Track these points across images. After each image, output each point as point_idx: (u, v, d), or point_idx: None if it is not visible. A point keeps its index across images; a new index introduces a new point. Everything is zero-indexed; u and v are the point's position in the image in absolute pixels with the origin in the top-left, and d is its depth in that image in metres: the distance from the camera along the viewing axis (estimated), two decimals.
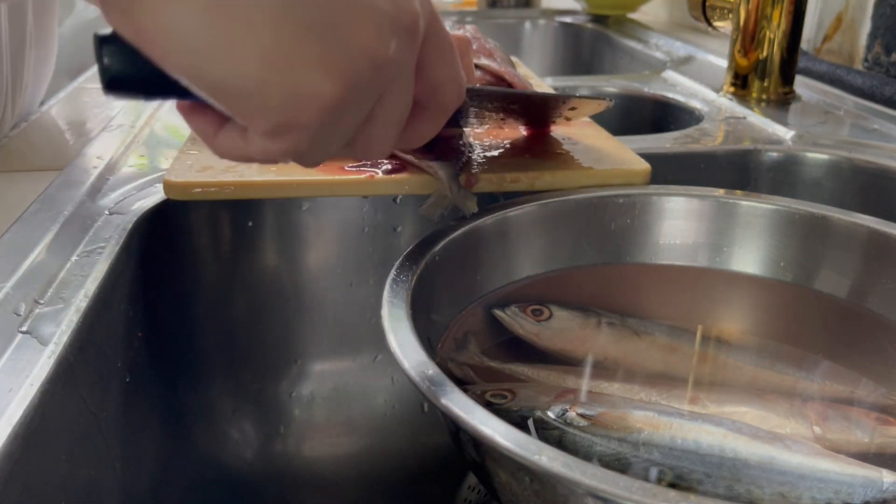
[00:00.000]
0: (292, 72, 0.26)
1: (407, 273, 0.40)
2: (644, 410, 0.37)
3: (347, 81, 0.27)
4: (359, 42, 0.27)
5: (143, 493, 0.48)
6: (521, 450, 0.28)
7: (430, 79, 0.32)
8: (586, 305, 0.47)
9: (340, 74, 0.27)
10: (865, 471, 0.34)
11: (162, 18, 0.25)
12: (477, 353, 0.43)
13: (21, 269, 0.43)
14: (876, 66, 0.82)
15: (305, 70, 0.26)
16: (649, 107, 0.85)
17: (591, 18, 1.31)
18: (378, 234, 0.62)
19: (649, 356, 0.44)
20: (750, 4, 0.75)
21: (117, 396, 0.46)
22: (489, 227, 0.47)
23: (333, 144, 0.31)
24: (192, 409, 0.59)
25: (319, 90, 0.27)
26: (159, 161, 0.60)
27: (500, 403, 0.37)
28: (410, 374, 0.32)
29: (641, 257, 0.51)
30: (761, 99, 0.78)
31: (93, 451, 0.42)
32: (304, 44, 0.26)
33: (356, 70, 0.27)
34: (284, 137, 0.28)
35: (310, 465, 0.61)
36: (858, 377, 0.43)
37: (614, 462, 0.34)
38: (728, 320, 0.50)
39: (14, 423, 0.32)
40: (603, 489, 0.26)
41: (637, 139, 0.65)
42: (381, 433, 0.63)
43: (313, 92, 0.27)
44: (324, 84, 0.27)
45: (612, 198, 0.50)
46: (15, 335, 0.38)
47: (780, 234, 0.49)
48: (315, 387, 0.63)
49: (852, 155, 0.63)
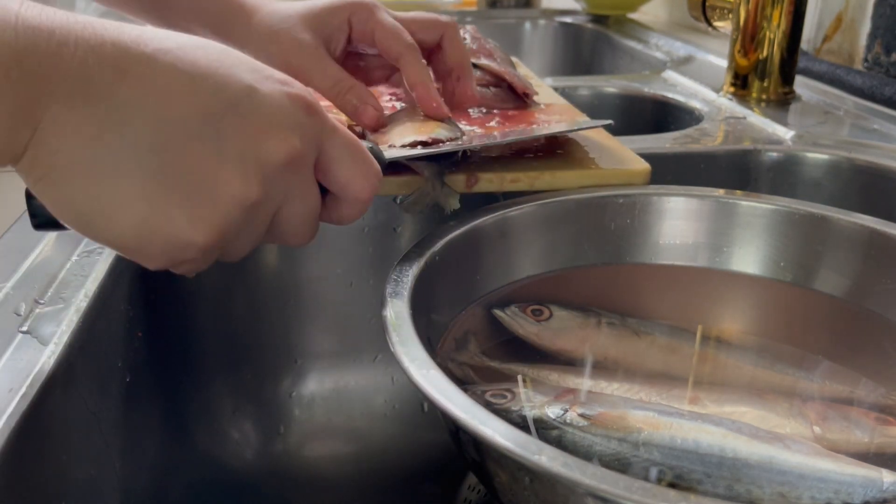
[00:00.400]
0: (166, 231, 0.31)
1: (407, 273, 0.40)
2: (644, 410, 0.37)
3: (217, 230, 0.31)
4: (226, 193, 0.31)
5: (143, 493, 0.48)
6: (521, 450, 0.28)
7: (338, 179, 0.36)
8: (586, 305, 0.47)
9: (210, 226, 0.31)
10: (865, 471, 0.34)
11: (55, 193, 0.30)
12: (477, 353, 0.43)
13: (21, 268, 0.43)
14: (876, 66, 0.82)
15: (177, 228, 0.31)
16: (649, 107, 0.85)
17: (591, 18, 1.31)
18: (378, 234, 0.62)
19: (649, 356, 0.44)
20: (750, 4, 0.75)
21: (117, 396, 0.46)
22: (489, 227, 0.47)
23: (237, 254, 0.34)
24: (192, 409, 0.59)
25: (192, 241, 0.31)
26: None
27: (500, 403, 0.37)
28: (411, 374, 0.32)
29: (641, 257, 0.51)
30: (761, 99, 0.78)
31: (93, 451, 0.42)
32: (173, 207, 0.30)
33: (226, 218, 0.31)
34: (178, 268, 0.33)
35: (310, 465, 0.61)
36: (858, 377, 0.43)
37: (614, 462, 0.34)
38: (728, 320, 0.50)
39: (14, 423, 0.32)
40: (603, 489, 0.26)
41: (637, 139, 0.65)
42: (381, 433, 0.63)
43: (187, 243, 0.31)
44: (195, 236, 0.31)
45: (612, 198, 0.50)
46: (15, 335, 0.38)
47: (780, 234, 0.49)
48: (315, 387, 0.64)
49: (852, 155, 0.63)
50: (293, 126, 0.33)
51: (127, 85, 0.29)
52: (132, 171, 0.30)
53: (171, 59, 0.31)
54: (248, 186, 0.31)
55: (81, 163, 0.29)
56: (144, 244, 0.31)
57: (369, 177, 0.37)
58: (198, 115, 0.31)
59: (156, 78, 0.30)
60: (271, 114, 0.32)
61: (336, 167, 0.35)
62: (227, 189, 0.31)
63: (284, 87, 0.34)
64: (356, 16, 0.55)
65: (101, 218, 0.30)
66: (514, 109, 0.63)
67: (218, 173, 0.31)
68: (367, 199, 0.37)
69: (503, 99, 0.63)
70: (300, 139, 0.33)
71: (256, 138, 0.32)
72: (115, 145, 0.29)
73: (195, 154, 0.30)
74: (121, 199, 0.30)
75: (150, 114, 0.30)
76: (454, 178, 0.48)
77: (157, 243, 0.31)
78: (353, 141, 0.36)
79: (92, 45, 0.29)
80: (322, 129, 0.34)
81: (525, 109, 0.63)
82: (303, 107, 0.34)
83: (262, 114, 0.32)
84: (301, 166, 0.33)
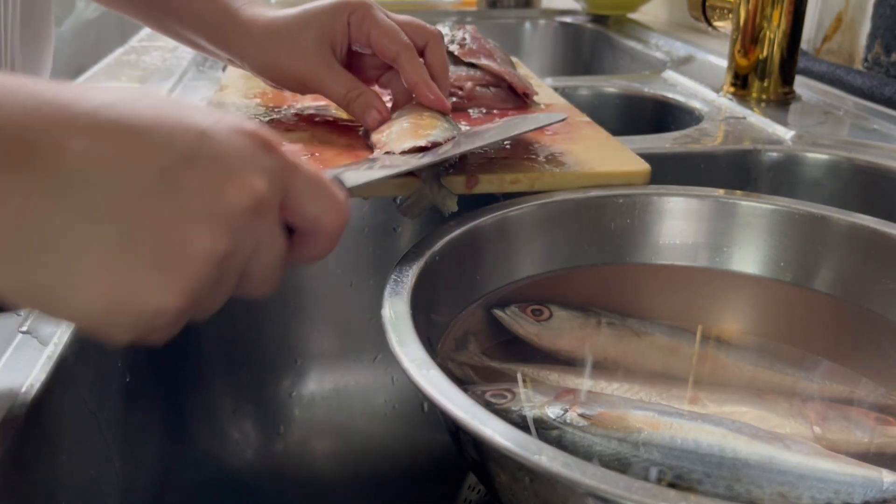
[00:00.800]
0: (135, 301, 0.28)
1: (407, 273, 0.40)
2: (644, 410, 0.37)
3: (190, 291, 0.29)
4: (194, 251, 0.29)
5: (143, 493, 0.48)
6: (521, 450, 0.28)
7: (307, 215, 0.33)
8: (586, 305, 0.47)
9: (182, 289, 0.29)
10: (865, 471, 0.34)
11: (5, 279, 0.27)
12: (477, 353, 0.43)
13: None
14: (876, 66, 0.82)
15: (147, 295, 0.28)
16: (649, 107, 0.85)
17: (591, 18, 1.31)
18: (378, 234, 0.62)
19: (649, 356, 0.44)
20: (750, 4, 0.75)
21: (117, 396, 0.46)
22: (489, 227, 0.47)
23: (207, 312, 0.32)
24: (192, 408, 0.59)
25: (164, 307, 0.28)
26: None
27: (500, 403, 0.37)
28: (411, 374, 0.32)
29: (641, 257, 0.51)
30: (761, 99, 0.78)
31: (93, 451, 0.42)
32: (139, 274, 0.28)
33: (197, 278, 0.29)
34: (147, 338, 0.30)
35: (310, 465, 0.61)
36: (858, 377, 0.43)
37: (614, 462, 0.34)
38: (728, 320, 0.50)
39: (14, 423, 0.32)
40: (603, 489, 0.26)
41: (637, 139, 0.65)
42: (381, 433, 0.63)
43: (158, 310, 0.28)
44: (167, 302, 0.28)
45: (612, 198, 0.50)
46: (15, 335, 0.38)
47: (780, 234, 0.49)
48: (315, 387, 0.64)
49: (852, 155, 0.63)
50: (254, 169, 0.30)
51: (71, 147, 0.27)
52: (89, 241, 0.27)
53: (114, 114, 0.28)
54: (216, 240, 0.29)
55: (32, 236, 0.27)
56: (112, 318, 0.28)
57: (339, 207, 0.35)
58: (150, 170, 0.28)
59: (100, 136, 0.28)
60: (230, 158, 0.30)
61: (305, 203, 0.33)
62: (195, 246, 0.29)
63: (238, 127, 0.31)
64: (354, 15, 0.55)
65: (61, 294, 0.28)
66: (514, 109, 0.63)
67: (183, 231, 0.28)
68: (340, 231, 0.35)
69: (503, 99, 0.63)
70: (265, 181, 0.31)
71: (219, 187, 0.29)
72: (67, 214, 0.27)
73: (154, 214, 0.28)
74: (81, 272, 0.27)
75: (100, 176, 0.27)
76: (454, 179, 0.48)
77: (126, 315, 0.28)
78: (316, 174, 0.34)
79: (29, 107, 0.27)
80: (285, 166, 0.32)
81: (525, 109, 0.63)
82: (262, 146, 0.31)
83: (220, 159, 0.30)
84: (268, 210, 0.31)
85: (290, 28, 0.56)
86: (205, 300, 0.30)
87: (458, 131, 0.51)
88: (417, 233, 0.63)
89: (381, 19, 0.55)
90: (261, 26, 0.57)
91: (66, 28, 1.99)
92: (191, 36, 0.60)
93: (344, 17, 0.55)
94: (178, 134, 0.29)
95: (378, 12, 0.56)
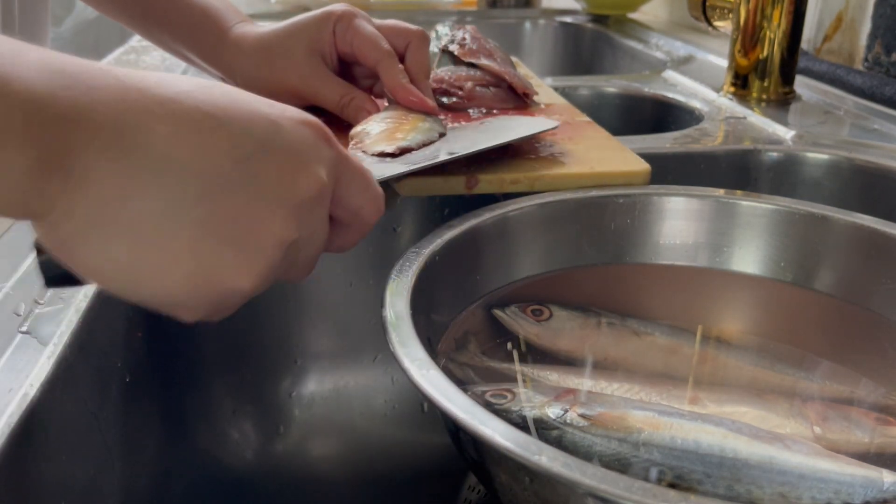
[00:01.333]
0: (215, 282, 0.30)
1: (407, 273, 0.40)
2: (644, 410, 0.37)
3: (264, 274, 0.31)
4: (269, 237, 0.30)
5: (143, 493, 0.48)
6: (521, 450, 0.28)
7: (350, 206, 0.35)
8: (586, 305, 0.47)
9: (257, 272, 0.31)
10: (865, 471, 0.34)
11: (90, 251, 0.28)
12: (477, 353, 0.43)
13: (21, 269, 0.43)
14: (876, 66, 0.82)
15: (227, 277, 0.30)
16: (649, 107, 0.85)
17: (591, 18, 1.31)
18: (378, 234, 0.62)
19: (649, 356, 0.44)
20: (750, 4, 0.75)
21: (117, 396, 0.46)
22: (489, 227, 0.47)
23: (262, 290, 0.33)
24: (192, 409, 0.59)
25: (240, 287, 0.30)
26: None
27: (500, 403, 0.37)
28: (411, 374, 0.32)
29: (641, 257, 0.51)
30: (761, 99, 0.77)
31: (93, 451, 0.42)
32: (221, 259, 0.29)
33: (271, 262, 0.31)
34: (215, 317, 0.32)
35: (310, 465, 0.61)
36: (858, 377, 0.43)
37: (614, 462, 0.34)
38: (728, 320, 0.50)
39: (14, 423, 0.32)
40: (603, 489, 0.26)
41: (637, 139, 0.65)
42: (381, 433, 0.63)
43: (234, 291, 0.30)
44: (244, 283, 0.30)
45: (612, 198, 0.50)
46: (15, 335, 0.38)
47: (780, 234, 0.49)
48: (315, 387, 0.64)
49: (852, 155, 0.63)
50: (318, 159, 0.32)
51: (161, 133, 0.28)
52: (179, 225, 0.28)
53: (194, 101, 0.29)
54: (288, 226, 0.31)
55: (122, 218, 0.28)
56: (191, 298, 0.30)
57: (377, 201, 0.36)
58: (231, 157, 0.29)
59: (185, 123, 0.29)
60: (298, 149, 0.32)
61: (349, 195, 0.35)
62: (271, 231, 0.30)
63: (302, 118, 0.33)
64: (339, 24, 0.56)
65: (147, 276, 0.29)
66: (514, 109, 0.63)
67: (260, 217, 0.30)
68: (372, 223, 0.37)
69: (503, 99, 0.63)
70: (325, 172, 0.32)
71: (291, 176, 0.31)
72: (160, 198, 0.28)
73: (234, 199, 0.29)
74: (168, 254, 0.29)
75: (188, 162, 0.28)
76: (454, 179, 0.48)
77: (206, 296, 0.30)
78: (361, 167, 0.36)
79: (118, 93, 0.28)
80: (340, 158, 0.34)
81: (525, 109, 0.63)
82: (323, 138, 0.33)
83: (289, 150, 0.31)
84: (326, 198, 0.33)
85: (280, 41, 0.57)
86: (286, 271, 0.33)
87: (440, 132, 0.51)
88: (417, 233, 0.63)
89: (363, 28, 0.56)
90: (251, 42, 0.58)
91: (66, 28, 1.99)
92: (184, 52, 0.62)
93: (330, 26, 0.56)
94: (254, 123, 0.30)
95: (361, 21, 0.57)
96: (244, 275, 0.30)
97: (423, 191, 0.49)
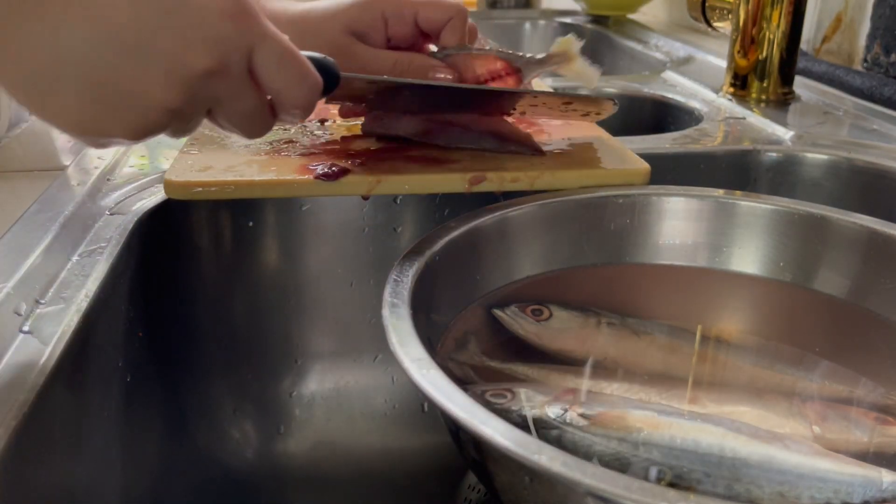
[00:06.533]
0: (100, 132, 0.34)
1: (407, 273, 0.40)
2: (644, 410, 0.37)
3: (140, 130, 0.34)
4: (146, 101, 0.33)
5: (143, 493, 0.48)
6: (521, 449, 0.28)
7: (269, 86, 0.37)
8: (586, 305, 0.47)
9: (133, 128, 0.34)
10: (865, 470, 0.34)
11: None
12: (477, 353, 0.43)
13: (22, 269, 0.43)
14: (875, 66, 0.82)
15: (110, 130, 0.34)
16: (649, 107, 0.86)
17: (591, 19, 1.31)
18: (378, 234, 0.63)
19: (649, 356, 0.45)
20: (749, 5, 0.75)
21: (117, 396, 0.46)
22: (489, 227, 0.47)
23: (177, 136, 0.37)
24: (192, 409, 0.59)
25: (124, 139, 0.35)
26: (160, 161, 0.60)
27: (500, 403, 0.37)
28: (411, 374, 0.32)
29: (641, 257, 0.51)
30: (761, 99, 0.78)
31: (93, 451, 0.42)
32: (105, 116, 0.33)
33: (147, 122, 0.34)
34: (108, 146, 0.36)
35: (310, 465, 0.61)
36: (858, 377, 0.43)
37: (614, 462, 0.34)
38: (728, 320, 0.50)
39: (14, 423, 0.32)
40: (603, 489, 0.26)
41: (637, 139, 0.65)
42: (381, 433, 0.63)
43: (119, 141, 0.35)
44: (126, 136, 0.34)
45: (612, 198, 0.50)
46: (16, 335, 0.38)
47: (780, 235, 0.49)
48: (315, 387, 0.64)
49: (851, 155, 0.63)
50: (216, 38, 0.34)
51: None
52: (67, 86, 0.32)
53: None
54: (169, 96, 0.33)
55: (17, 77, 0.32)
56: (82, 137, 0.34)
57: (303, 85, 0.37)
58: (133, 29, 0.32)
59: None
60: (197, 26, 0.33)
61: (265, 75, 0.36)
62: (150, 96, 0.33)
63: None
64: (389, 8, 0.55)
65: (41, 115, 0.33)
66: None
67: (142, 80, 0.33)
68: (302, 107, 0.38)
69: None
70: (222, 50, 0.34)
71: (182, 49, 0.33)
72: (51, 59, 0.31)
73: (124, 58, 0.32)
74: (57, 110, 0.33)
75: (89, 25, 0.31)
76: (454, 177, 0.48)
77: (94, 139, 0.34)
78: (285, 49, 0.37)
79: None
80: (250, 37, 0.35)
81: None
82: (230, 16, 0.34)
83: (189, 26, 0.33)
84: (225, 76, 0.35)
85: (316, 20, 0.55)
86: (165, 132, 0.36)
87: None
88: (417, 233, 0.63)
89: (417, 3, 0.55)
90: (287, 19, 0.56)
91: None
92: None
93: (377, 12, 0.55)
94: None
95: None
96: (118, 128, 0.34)
97: (423, 189, 0.49)
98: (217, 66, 0.34)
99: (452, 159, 0.50)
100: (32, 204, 0.51)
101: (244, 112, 0.37)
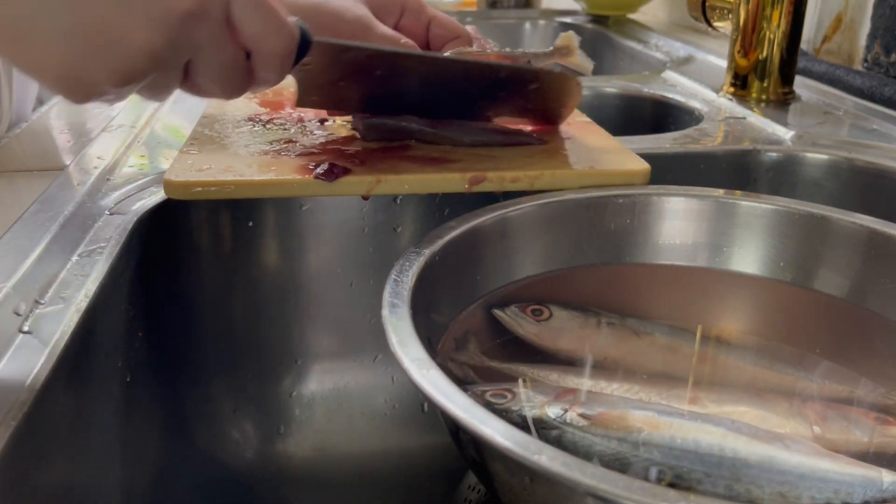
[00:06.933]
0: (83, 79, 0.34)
1: (407, 273, 0.40)
2: (644, 410, 0.37)
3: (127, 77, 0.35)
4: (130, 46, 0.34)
5: (143, 493, 0.48)
6: (521, 450, 0.28)
7: (245, 34, 0.38)
8: (586, 305, 0.47)
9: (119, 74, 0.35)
10: (865, 470, 0.34)
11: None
12: (477, 353, 0.43)
13: (22, 268, 0.43)
14: (875, 66, 0.82)
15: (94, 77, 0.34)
16: (649, 107, 0.86)
17: (591, 19, 1.31)
18: (378, 234, 0.62)
19: (649, 356, 0.45)
20: (750, 5, 0.75)
21: (117, 396, 0.46)
22: (489, 227, 0.47)
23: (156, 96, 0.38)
24: (192, 408, 0.59)
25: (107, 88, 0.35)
26: (159, 161, 0.60)
27: (500, 403, 0.37)
28: (411, 374, 0.32)
29: (641, 257, 0.51)
30: (761, 99, 0.78)
31: (93, 451, 0.42)
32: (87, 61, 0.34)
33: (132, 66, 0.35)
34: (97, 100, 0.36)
35: (310, 465, 0.61)
36: (858, 377, 0.43)
37: (614, 462, 0.34)
38: (728, 320, 0.50)
39: (14, 423, 0.32)
40: (603, 489, 0.26)
41: (637, 139, 0.65)
42: (381, 433, 0.63)
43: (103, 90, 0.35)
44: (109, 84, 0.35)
45: (612, 198, 0.50)
46: (16, 335, 0.38)
47: (780, 235, 0.49)
48: (315, 387, 0.64)
49: (852, 155, 0.63)
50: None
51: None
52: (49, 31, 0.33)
53: None
54: (151, 39, 0.34)
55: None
56: (66, 87, 0.35)
57: (280, 33, 0.38)
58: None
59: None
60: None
61: (242, 22, 0.37)
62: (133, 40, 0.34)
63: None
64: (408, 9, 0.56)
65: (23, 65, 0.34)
66: None
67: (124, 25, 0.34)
68: (278, 55, 0.39)
69: None
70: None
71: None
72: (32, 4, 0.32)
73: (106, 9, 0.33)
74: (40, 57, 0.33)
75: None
76: (454, 177, 0.48)
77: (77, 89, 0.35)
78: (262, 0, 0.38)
79: None
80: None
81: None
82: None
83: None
84: (204, 20, 0.36)
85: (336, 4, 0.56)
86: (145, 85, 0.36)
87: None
88: (417, 233, 0.63)
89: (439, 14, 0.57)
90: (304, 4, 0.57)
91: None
92: None
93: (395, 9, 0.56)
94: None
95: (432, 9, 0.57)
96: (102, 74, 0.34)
97: (422, 189, 0.49)
98: (196, 8, 0.35)
99: (452, 159, 0.50)
100: (32, 204, 0.51)
101: (222, 64, 0.38)
